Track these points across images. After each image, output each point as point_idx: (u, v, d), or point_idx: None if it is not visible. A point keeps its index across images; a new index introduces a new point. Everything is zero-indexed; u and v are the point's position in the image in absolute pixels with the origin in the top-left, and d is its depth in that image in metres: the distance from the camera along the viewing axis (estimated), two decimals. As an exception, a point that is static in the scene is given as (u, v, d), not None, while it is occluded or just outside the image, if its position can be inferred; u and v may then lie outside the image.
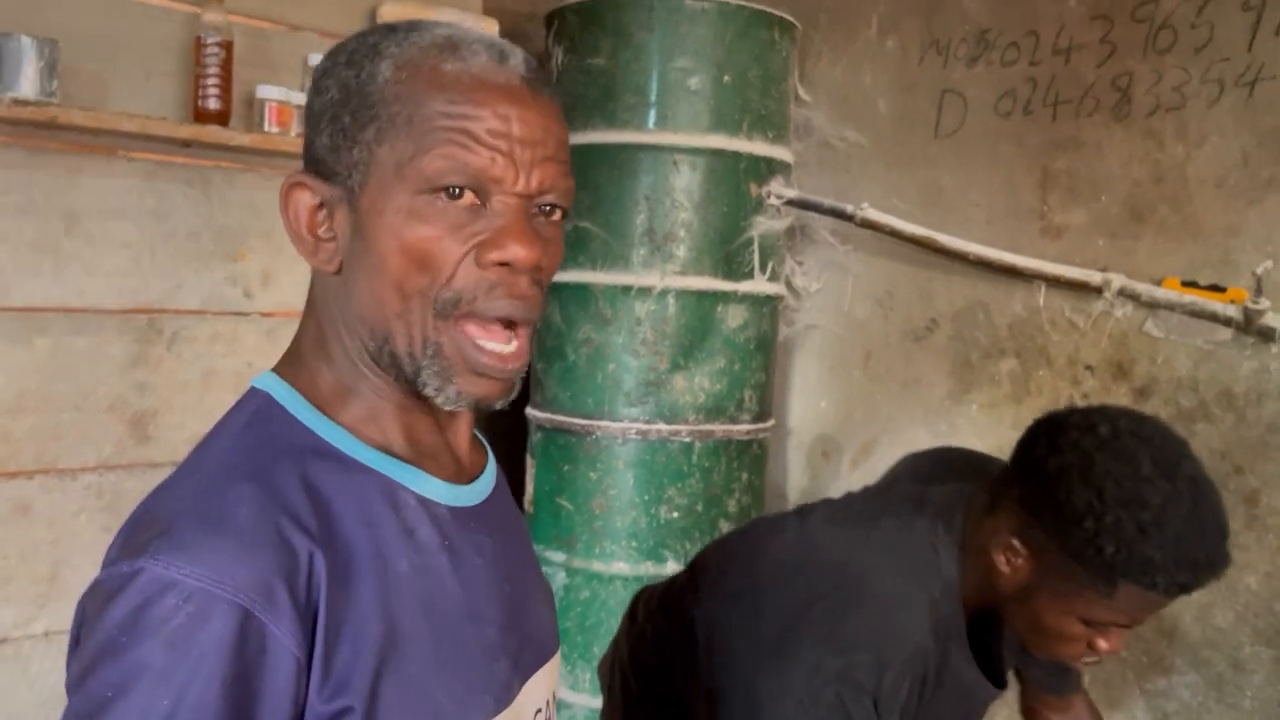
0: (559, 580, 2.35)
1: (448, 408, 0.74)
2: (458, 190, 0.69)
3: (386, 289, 0.70)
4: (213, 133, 1.95)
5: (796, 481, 2.69)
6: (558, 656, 0.90)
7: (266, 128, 2.04)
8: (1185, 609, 2.06)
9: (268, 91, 2.05)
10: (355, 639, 0.67)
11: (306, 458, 0.71)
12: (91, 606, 0.64)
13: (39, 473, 1.96)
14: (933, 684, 1.15)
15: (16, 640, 1.94)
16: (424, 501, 0.75)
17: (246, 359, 2.16)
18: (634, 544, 2.30)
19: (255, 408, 0.74)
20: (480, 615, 0.77)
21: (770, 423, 2.47)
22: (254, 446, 0.71)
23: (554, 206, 0.74)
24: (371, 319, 0.72)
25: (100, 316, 2.00)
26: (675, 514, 2.31)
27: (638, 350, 2.29)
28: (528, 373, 2.48)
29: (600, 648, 2.32)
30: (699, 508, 2.32)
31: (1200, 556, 1.02)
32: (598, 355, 2.31)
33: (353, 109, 0.71)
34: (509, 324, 0.72)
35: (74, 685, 0.63)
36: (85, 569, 2.02)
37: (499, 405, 0.75)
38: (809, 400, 2.67)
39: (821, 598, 1.14)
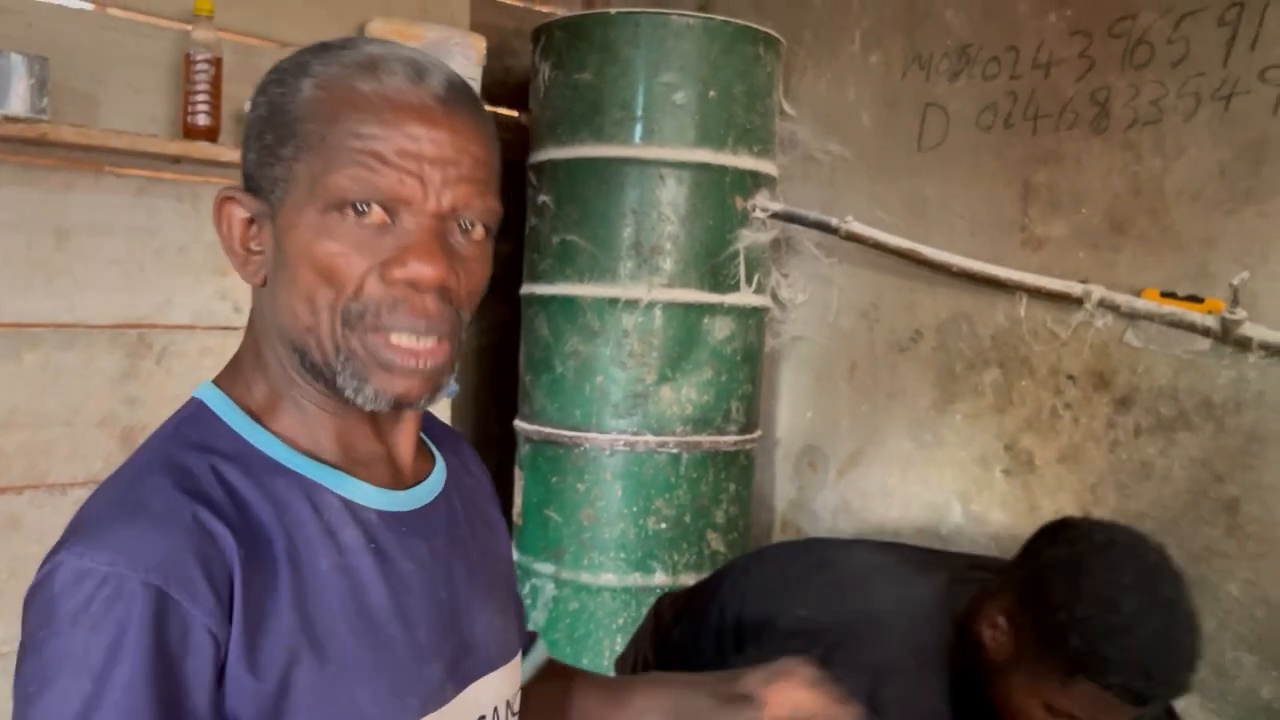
0: (547, 592, 2.37)
1: (369, 408, 0.74)
2: (364, 207, 0.70)
3: (298, 301, 0.72)
4: (202, 149, 1.97)
5: (784, 492, 2.71)
6: (516, 663, 0.90)
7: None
8: (1167, 616, 2.08)
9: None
10: (269, 630, 0.68)
11: (227, 457, 0.72)
12: (25, 610, 0.66)
13: (29, 488, 1.97)
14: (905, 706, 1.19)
15: (6, 655, 1.94)
16: (349, 504, 0.76)
17: (236, 373, 2.17)
18: (622, 555, 2.32)
19: (186, 413, 0.76)
20: (408, 618, 0.76)
21: (757, 434, 2.49)
22: (175, 450, 0.72)
23: (474, 223, 0.75)
24: (289, 330, 0.74)
25: (90, 332, 2.01)
26: (663, 525, 2.33)
27: (625, 362, 2.30)
28: (515, 385, 2.50)
29: (590, 658, 2.33)
30: (687, 519, 2.34)
31: (1157, 672, 1.08)
32: (585, 367, 2.33)
33: (275, 126, 0.73)
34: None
35: (12, 689, 0.65)
36: (75, 583, 2.02)
37: (423, 405, 0.76)
38: (795, 411, 2.70)
39: (822, 595, 1.26)
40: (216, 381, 0.79)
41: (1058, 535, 1.18)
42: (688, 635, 1.46)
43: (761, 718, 0.91)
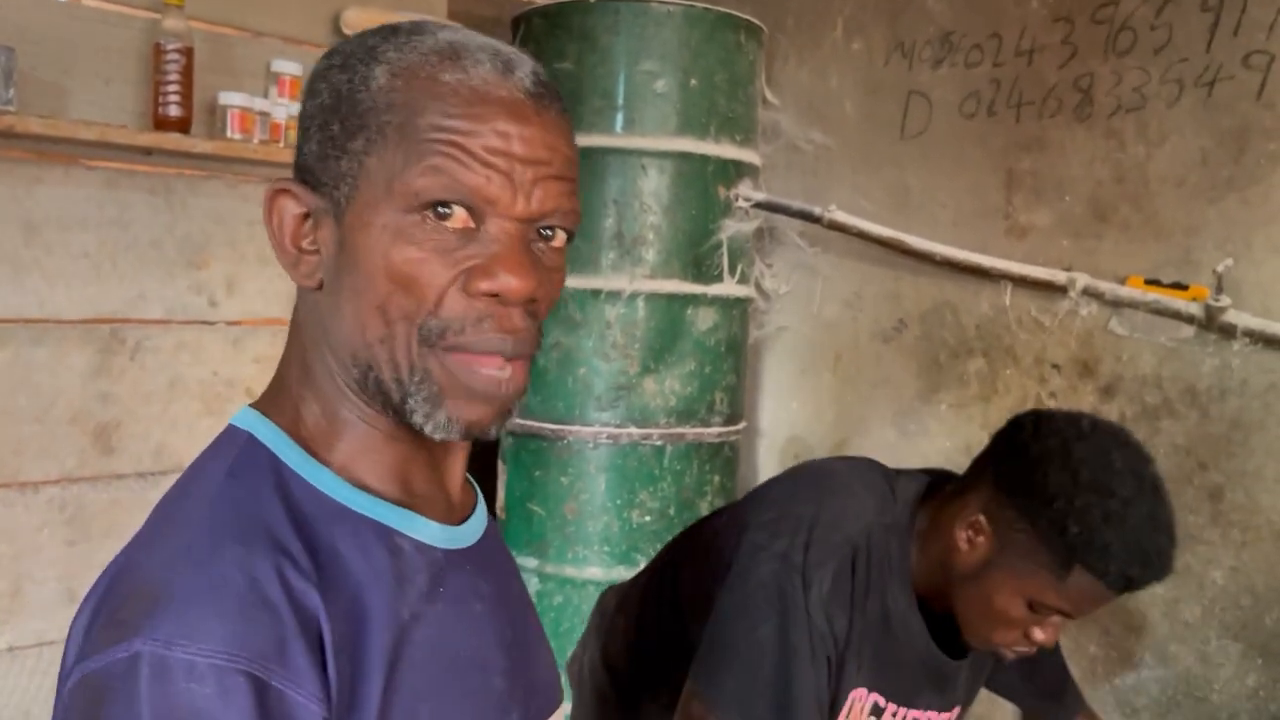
0: (532, 586, 2.35)
1: (438, 436, 0.67)
2: (446, 209, 0.64)
3: (369, 311, 0.65)
4: (174, 140, 1.93)
5: (768, 483, 2.70)
6: (564, 708, 0.86)
7: (229, 134, 2.02)
8: (1153, 605, 2.08)
9: (230, 98, 2.02)
10: (356, 690, 0.63)
11: (298, 508, 0.66)
12: (84, 701, 0.58)
13: (0, 486, 1.93)
14: (863, 596, 1.19)
15: (-19, 657, 1.91)
16: (420, 546, 0.70)
17: (212, 368, 2.13)
18: (606, 548, 2.30)
19: (237, 453, 0.68)
20: (486, 664, 0.72)
21: (741, 425, 2.48)
22: (241, 500, 0.65)
23: (555, 230, 0.69)
24: (354, 343, 0.67)
25: (61, 327, 1.97)
26: (647, 518, 2.31)
27: (608, 354, 2.28)
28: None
29: (574, 653, 2.31)
30: (671, 511, 2.32)
31: (1152, 555, 1.08)
32: (568, 360, 2.31)
33: (343, 116, 0.66)
34: (504, 359, 0.66)
35: None
36: (48, 583, 1.99)
37: (493, 434, 0.69)
38: (780, 402, 2.68)
39: (779, 490, 1.28)
40: (260, 407, 0.71)
41: (1039, 428, 1.15)
42: (631, 618, 1.43)
43: None
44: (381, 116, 0.64)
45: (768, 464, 2.70)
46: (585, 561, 2.30)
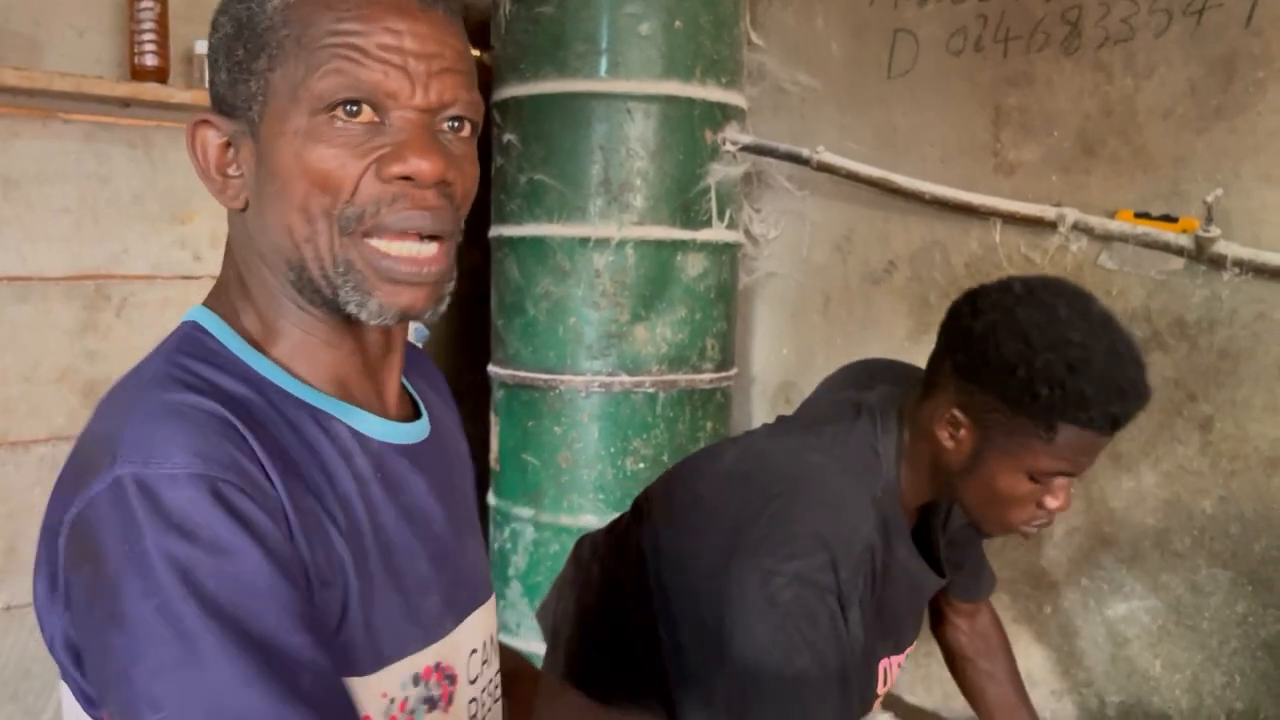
0: (527, 535, 2.35)
1: (373, 323, 0.72)
2: (353, 107, 0.68)
3: (292, 214, 0.70)
4: (151, 90, 1.90)
5: (761, 429, 2.71)
6: (493, 601, 0.90)
7: (207, 84, 1.99)
8: (1144, 535, 2.11)
9: (206, 46, 1.99)
10: (321, 533, 0.68)
11: (238, 383, 0.70)
12: (80, 546, 0.62)
13: (-11, 446, 1.92)
14: (881, 579, 1.18)
15: (-22, 615, 1.91)
16: (356, 434, 0.75)
17: (199, 324, 2.12)
18: (601, 496, 2.30)
19: (183, 334, 0.74)
20: (412, 549, 0.77)
21: (733, 371, 2.48)
22: (188, 361, 0.70)
23: (461, 121, 0.73)
24: (284, 247, 0.71)
25: (44, 284, 1.95)
26: (641, 465, 2.31)
27: (598, 302, 2.27)
28: (488, 330, 2.47)
29: (571, 600, 2.33)
30: (665, 458, 2.32)
31: (1126, 385, 1.07)
32: (557, 309, 2.30)
33: (245, 41, 0.70)
34: (421, 238, 0.71)
35: (106, 626, 0.60)
36: (43, 542, 1.98)
37: (429, 317, 0.74)
38: (771, 347, 2.68)
39: (768, 503, 1.16)
40: (207, 304, 0.76)
41: (976, 305, 1.14)
42: (608, 572, 1.39)
43: None
44: (279, 33, 0.69)
45: (760, 410, 2.71)
46: (580, 510, 2.31)
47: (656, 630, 1.28)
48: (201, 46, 2.00)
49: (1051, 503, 1.14)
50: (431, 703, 0.77)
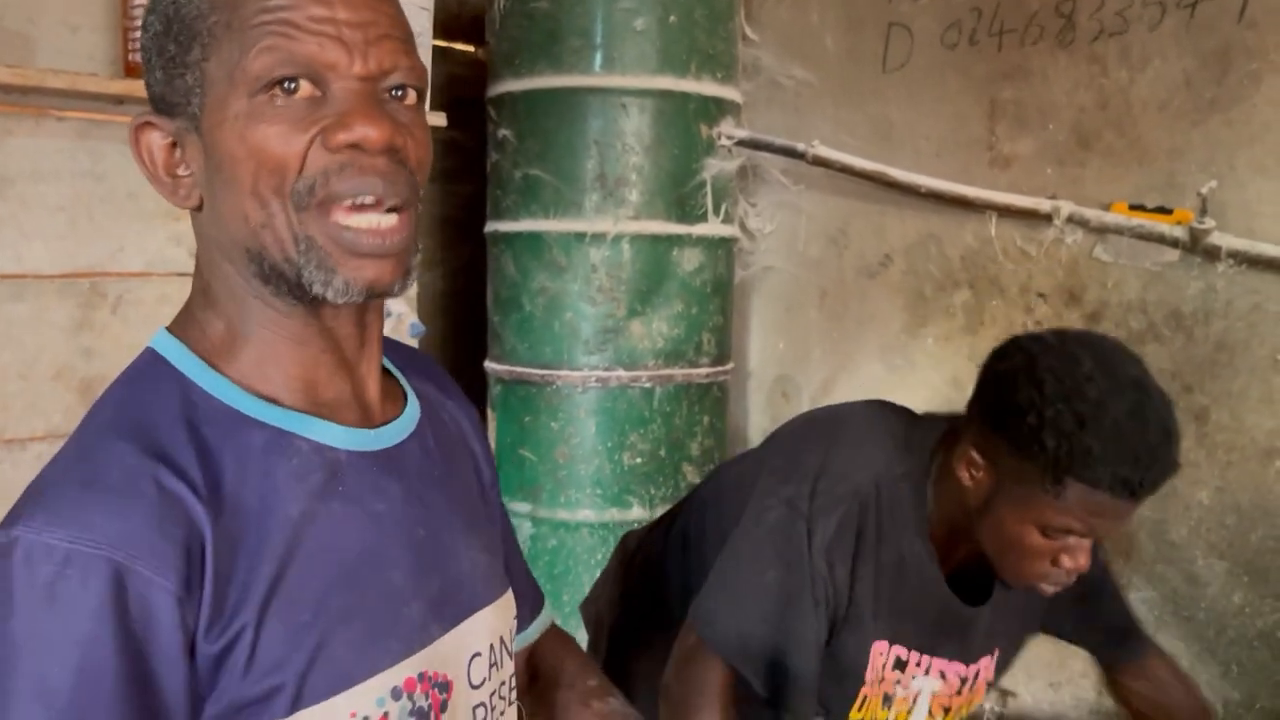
0: (525, 530, 2.35)
1: (341, 300, 0.70)
2: (291, 84, 0.67)
3: (244, 200, 0.68)
4: (144, 87, 1.89)
5: (758, 423, 2.71)
6: (506, 600, 0.88)
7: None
8: (1140, 527, 2.11)
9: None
10: (242, 584, 0.67)
11: (188, 410, 0.69)
12: None
13: (-14, 445, 1.92)
14: (874, 546, 1.19)
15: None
16: (316, 447, 0.73)
17: (195, 321, 2.11)
18: (598, 491, 2.30)
19: (140, 366, 0.72)
20: (381, 560, 0.74)
21: (729, 365, 2.48)
22: (132, 403, 0.69)
23: (404, 88, 0.71)
24: (241, 237, 0.69)
25: (40, 282, 1.94)
26: (639, 460, 2.31)
27: (594, 298, 2.27)
28: (485, 325, 2.46)
29: (570, 594, 2.33)
30: (662, 452, 2.33)
31: (1141, 450, 1.02)
32: (554, 304, 2.30)
33: (175, 35, 0.69)
34: (382, 209, 0.69)
35: None
36: (40, 540, 1.98)
37: (396, 291, 0.71)
38: (767, 341, 2.68)
39: (793, 436, 1.28)
40: (170, 328, 0.75)
41: (1007, 351, 1.13)
42: (651, 557, 1.44)
43: None
44: (209, 19, 0.67)
45: (757, 404, 2.71)
46: (578, 505, 2.31)
47: (691, 592, 1.32)
48: (195, 43, 1.99)
49: (1068, 562, 1.10)
50: (421, 714, 0.75)
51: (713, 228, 2.35)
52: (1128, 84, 2.07)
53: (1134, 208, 2.06)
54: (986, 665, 1.32)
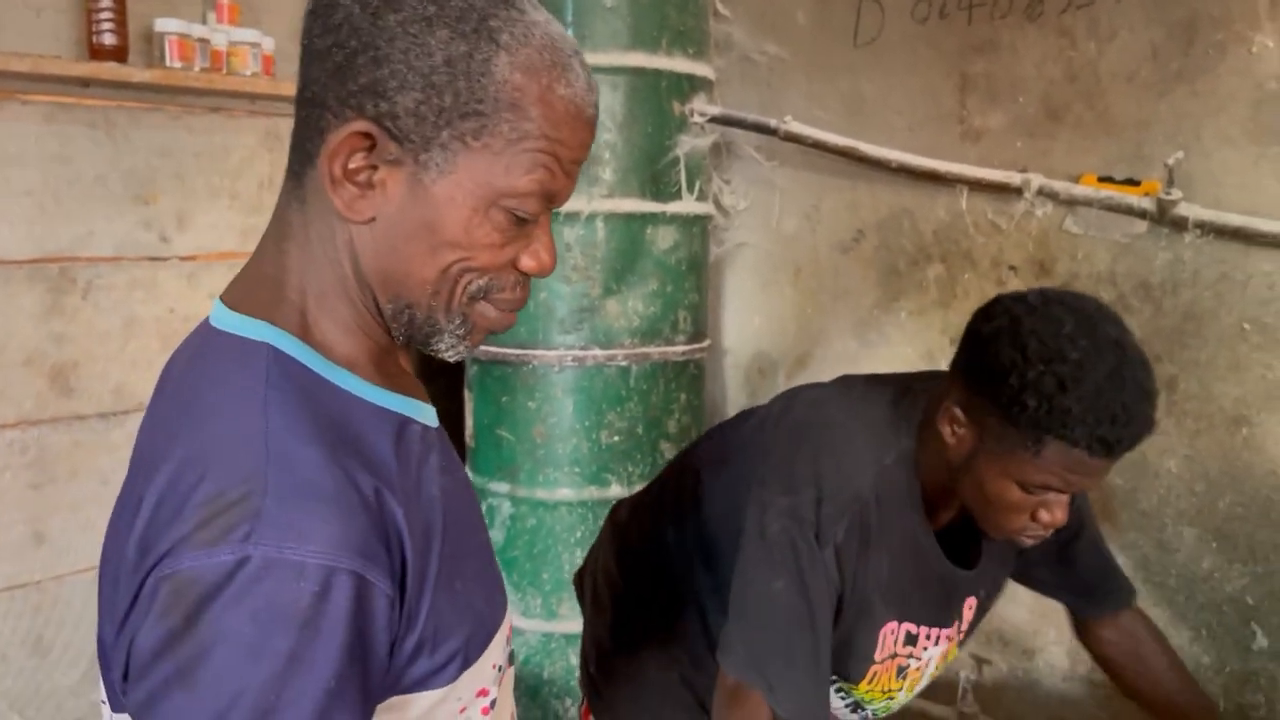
0: (504, 510, 2.36)
1: (452, 359, 0.77)
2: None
3: (431, 268, 0.72)
4: (111, 70, 1.88)
5: (735, 399, 2.72)
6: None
7: (168, 63, 1.97)
8: (1111, 495, 2.14)
9: (167, 24, 1.97)
10: (422, 570, 0.70)
11: (337, 409, 0.71)
12: (177, 599, 0.61)
13: (-43, 432, 1.91)
14: (876, 539, 1.20)
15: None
16: (425, 429, 0.78)
17: (168, 305, 2.10)
18: (577, 470, 2.31)
19: (266, 364, 0.70)
20: (476, 524, 0.82)
21: (706, 343, 2.49)
22: (294, 405, 0.69)
23: None
24: (402, 284, 0.73)
25: (7, 268, 1.92)
26: (616, 438, 2.32)
27: (569, 277, 2.27)
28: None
29: (549, 574, 2.34)
30: (639, 430, 2.34)
31: (1119, 411, 1.05)
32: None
33: (457, 92, 0.68)
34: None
35: (173, 683, 0.61)
36: (15, 527, 1.97)
37: None
38: (743, 318, 2.69)
39: (782, 445, 1.25)
40: (263, 316, 0.73)
41: (991, 311, 1.15)
42: (646, 528, 1.46)
43: None
44: (501, 113, 0.69)
45: (733, 380, 2.72)
46: (556, 484, 2.32)
47: (691, 555, 1.35)
48: (161, 24, 1.98)
49: (1045, 516, 1.14)
50: (510, 659, 0.84)
51: (687, 205, 2.35)
52: (1096, 56, 2.08)
53: (1103, 180, 2.07)
54: (970, 605, 1.36)
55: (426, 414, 0.79)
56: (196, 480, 0.64)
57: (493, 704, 0.79)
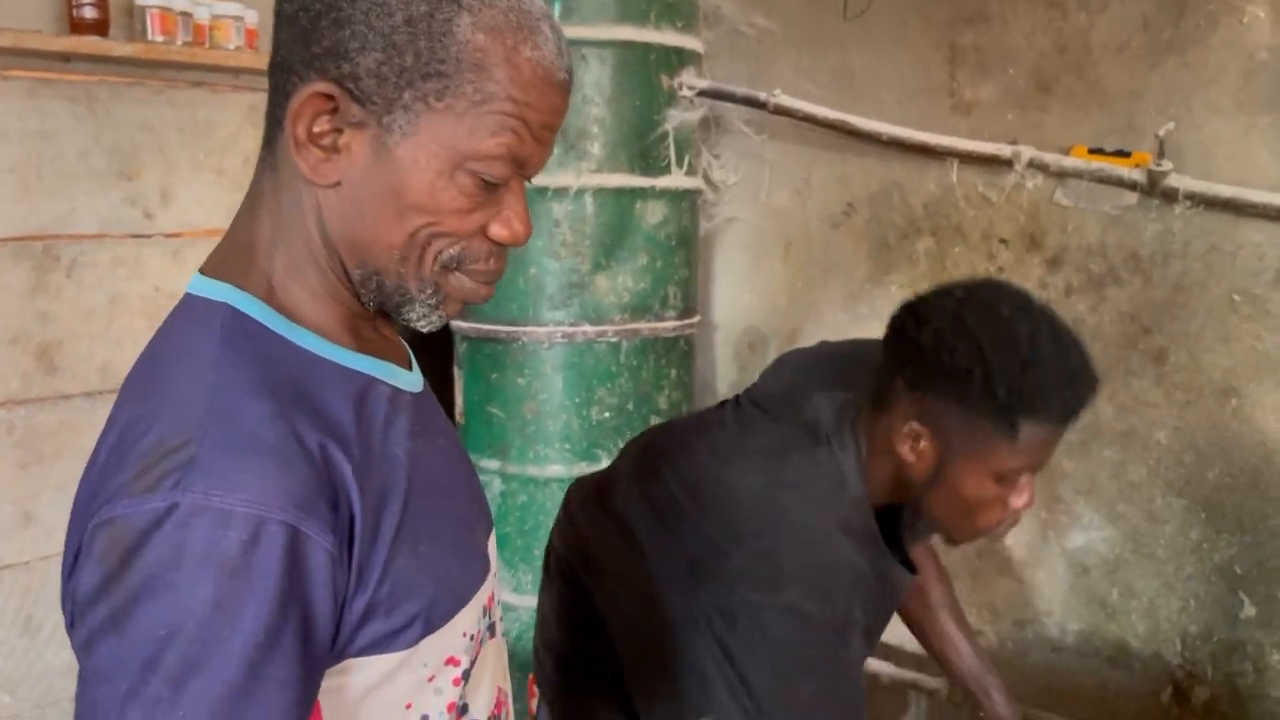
0: (495, 487, 2.36)
1: (425, 329, 0.77)
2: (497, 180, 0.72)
3: (400, 233, 0.71)
4: (92, 44, 1.85)
5: (725, 374, 2.72)
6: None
7: (150, 37, 1.94)
8: (1101, 467, 2.15)
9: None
10: (376, 529, 0.70)
11: (295, 367, 0.71)
12: (111, 544, 0.62)
13: (-58, 412, 1.89)
14: (874, 588, 1.18)
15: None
16: (397, 391, 0.77)
17: (153, 282, 2.08)
18: (567, 446, 2.31)
19: (222, 321, 0.70)
20: (453, 490, 0.81)
21: (696, 318, 2.48)
22: (246, 361, 0.69)
23: None
24: (370, 249, 0.72)
25: (-10, 245, 1.91)
26: (607, 414, 2.32)
27: (558, 252, 2.26)
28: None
29: (540, 550, 2.34)
30: (630, 406, 2.33)
31: (1077, 372, 1.08)
32: (517, 260, 2.28)
33: (418, 52, 0.68)
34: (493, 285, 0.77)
35: (106, 628, 0.61)
36: (3, 506, 1.96)
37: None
38: (733, 293, 2.68)
39: (746, 540, 1.15)
40: (227, 278, 0.73)
41: (919, 315, 1.13)
42: (594, 531, 1.39)
43: None
44: (464, 74, 0.68)
45: (724, 356, 2.72)
46: (547, 460, 2.32)
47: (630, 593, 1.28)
48: (142, -3, 1.95)
49: (1017, 501, 1.14)
50: (491, 629, 0.83)
51: (676, 180, 2.34)
52: (1087, 27, 2.07)
53: (1093, 151, 2.07)
54: None
55: (402, 378, 0.78)
56: (144, 432, 0.65)
57: (465, 674, 0.78)
